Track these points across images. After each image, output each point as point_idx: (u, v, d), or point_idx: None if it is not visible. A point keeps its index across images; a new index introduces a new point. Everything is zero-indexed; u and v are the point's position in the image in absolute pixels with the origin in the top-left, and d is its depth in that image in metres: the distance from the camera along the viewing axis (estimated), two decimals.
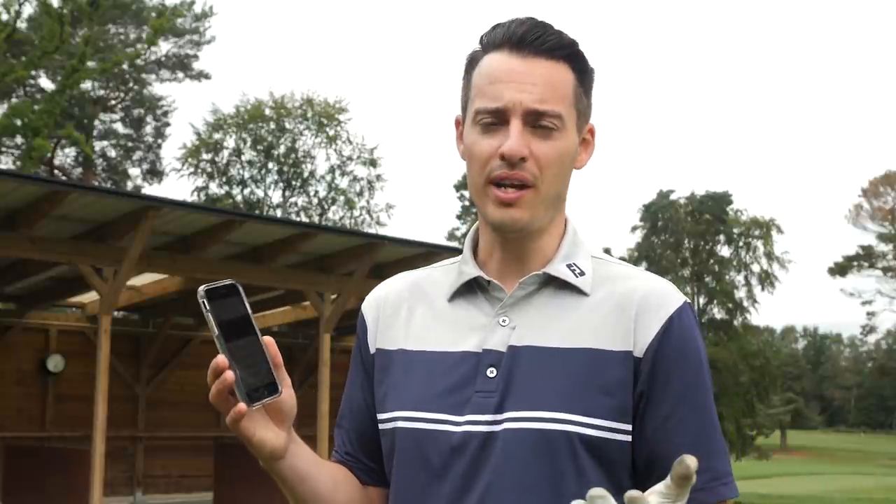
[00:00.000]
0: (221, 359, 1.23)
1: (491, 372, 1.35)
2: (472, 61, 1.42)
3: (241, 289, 1.27)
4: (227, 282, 1.27)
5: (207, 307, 1.24)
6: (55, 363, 13.07)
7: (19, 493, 10.80)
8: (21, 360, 13.01)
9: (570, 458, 1.29)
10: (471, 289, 1.43)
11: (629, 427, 1.33)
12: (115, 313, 12.41)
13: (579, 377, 1.32)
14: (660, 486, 1.05)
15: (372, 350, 1.48)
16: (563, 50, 1.38)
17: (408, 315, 1.47)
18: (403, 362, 1.43)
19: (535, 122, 1.35)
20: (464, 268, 1.45)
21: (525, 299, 1.39)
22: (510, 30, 1.38)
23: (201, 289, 1.24)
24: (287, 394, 1.29)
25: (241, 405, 1.23)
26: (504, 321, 1.38)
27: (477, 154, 1.37)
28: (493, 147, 1.35)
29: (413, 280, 1.52)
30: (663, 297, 1.38)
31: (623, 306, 1.36)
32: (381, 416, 1.44)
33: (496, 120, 1.36)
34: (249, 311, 1.27)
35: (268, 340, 1.27)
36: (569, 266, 1.40)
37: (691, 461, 1.03)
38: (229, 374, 1.22)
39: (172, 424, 14.09)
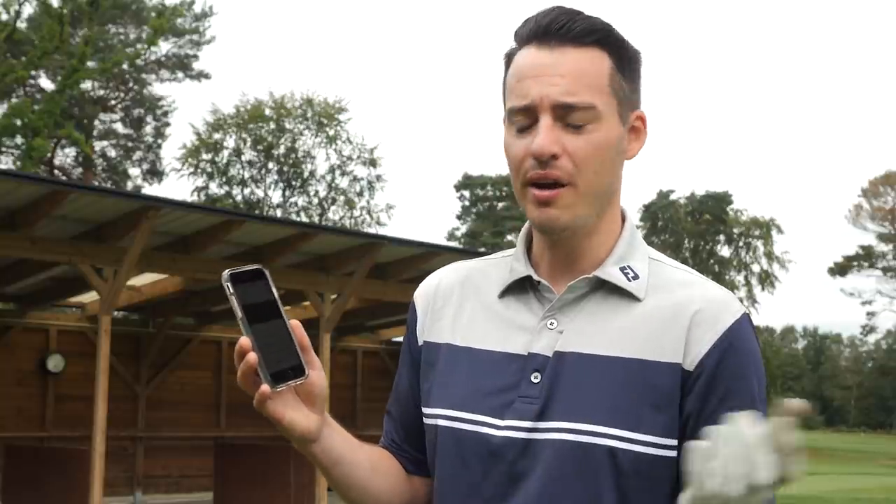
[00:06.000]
0: (244, 340, 1.21)
1: (535, 377, 1.30)
2: (507, 59, 1.36)
3: (267, 273, 1.26)
4: (254, 266, 1.26)
5: (231, 290, 1.23)
6: (55, 363, 13.06)
7: (19, 493, 10.78)
8: (21, 360, 13.01)
9: (610, 474, 1.25)
10: (522, 287, 1.38)
11: (675, 442, 1.26)
12: (115, 313, 12.41)
13: (625, 388, 1.26)
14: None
15: (420, 342, 1.45)
16: (593, 35, 1.30)
17: (457, 308, 1.42)
18: (449, 358, 1.39)
19: (566, 116, 1.28)
20: (515, 265, 1.39)
21: (574, 303, 1.33)
22: (536, 22, 1.31)
23: (225, 272, 1.24)
24: (316, 376, 1.26)
25: (265, 387, 1.22)
26: (552, 324, 1.33)
27: (512, 156, 1.32)
28: (526, 147, 1.29)
29: (466, 272, 1.47)
30: (721, 308, 1.29)
31: (676, 316, 1.28)
32: (425, 410, 1.41)
33: (527, 118, 1.30)
34: (276, 295, 1.25)
35: (294, 324, 1.25)
36: (622, 269, 1.33)
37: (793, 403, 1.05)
38: (251, 356, 1.21)
39: (172, 424, 14.08)
